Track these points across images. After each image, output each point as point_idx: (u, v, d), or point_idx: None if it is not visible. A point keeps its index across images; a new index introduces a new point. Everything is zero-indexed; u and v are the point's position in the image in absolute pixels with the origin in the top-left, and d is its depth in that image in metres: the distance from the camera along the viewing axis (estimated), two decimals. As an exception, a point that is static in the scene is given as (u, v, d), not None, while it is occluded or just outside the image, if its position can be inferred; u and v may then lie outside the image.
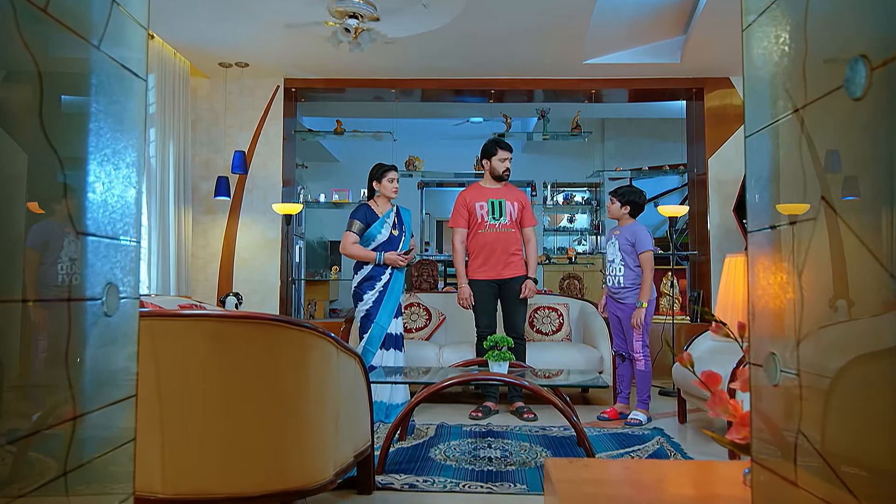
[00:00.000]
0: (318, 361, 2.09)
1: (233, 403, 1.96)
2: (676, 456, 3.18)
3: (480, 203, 4.20)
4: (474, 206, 4.21)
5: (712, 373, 1.35)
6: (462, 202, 4.26)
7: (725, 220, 5.77)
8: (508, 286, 4.18)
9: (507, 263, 4.18)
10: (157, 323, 1.89)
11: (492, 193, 4.22)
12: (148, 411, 1.93)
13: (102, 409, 1.04)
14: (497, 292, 4.21)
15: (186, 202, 5.45)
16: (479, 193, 4.25)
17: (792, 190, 0.98)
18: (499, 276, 4.17)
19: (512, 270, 4.19)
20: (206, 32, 4.91)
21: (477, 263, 4.21)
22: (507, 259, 4.19)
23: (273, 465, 2.00)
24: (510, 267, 4.19)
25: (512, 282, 4.18)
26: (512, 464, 3.02)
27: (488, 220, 4.18)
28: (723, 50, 5.23)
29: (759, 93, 1.08)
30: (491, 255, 4.17)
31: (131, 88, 1.13)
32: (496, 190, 4.24)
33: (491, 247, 4.17)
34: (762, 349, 1.12)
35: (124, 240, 1.09)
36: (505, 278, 4.17)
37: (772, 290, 1.07)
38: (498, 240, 4.18)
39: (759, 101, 1.08)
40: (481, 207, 4.19)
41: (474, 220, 4.21)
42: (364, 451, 2.53)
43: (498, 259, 4.17)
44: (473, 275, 4.21)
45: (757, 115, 1.10)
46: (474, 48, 5.22)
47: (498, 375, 3.10)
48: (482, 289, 4.17)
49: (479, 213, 4.19)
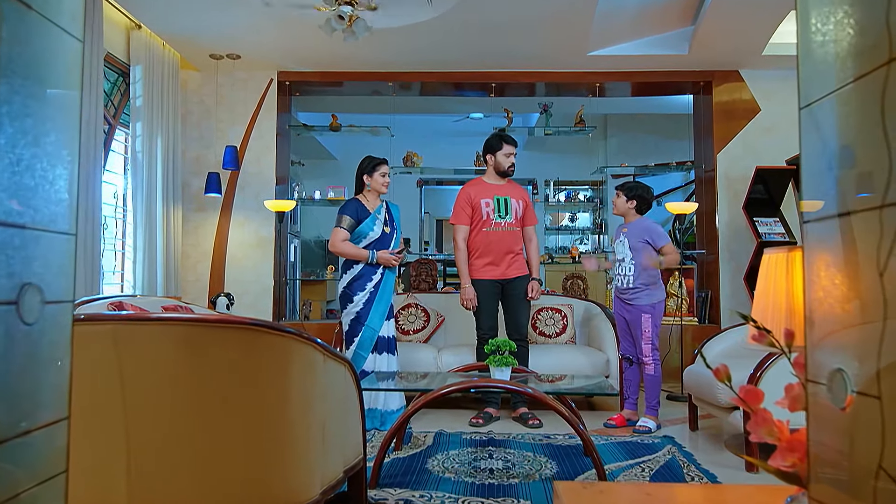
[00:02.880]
0: (303, 369, 1.90)
1: (207, 417, 1.77)
2: (689, 467, 2.98)
3: (486, 200, 4.00)
4: (479, 203, 4.00)
5: (752, 388, 1.15)
6: (465, 198, 4.04)
7: (735, 217, 5.57)
8: (512, 286, 3.99)
9: (511, 263, 4.00)
10: (121, 328, 1.70)
11: (496, 190, 4.03)
12: (111, 427, 1.73)
13: (20, 437, 0.85)
14: (499, 292, 4.02)
15: (176, 199, 5.26)
16: (484, 189, 4.05)
17: (872, 168, 0.78)
18: (503, 276, 3.98)
19: (516, 270, 4.01)
20: (196, 22, 4.71)
21: (481, 262, 4.01)
22: (511, 258, 4.00)
23: (253, 484, 1.81)
24: (514, 266, 4.01)
25: (516, 281, 3.99)
26: (515, 476, 2.82)
27: (494, 217, 3.98)
28: (733, 41, 5.04)
29: (822, 46, 0.89)
30: (496, 254, 3.98)
31: (61, 47, 0.93)
32: (501, 186, 4.05)
33: (496, 245, 3.98)
34: (824, 363, 0.93)
35: (51, 231, 0.90)
36: (509, 278, 3.98)
37: (839, 291, 0.88)
38: (504, 238, 3.99)
39: (823, 57, 0.89)
40: (487, 204, 3.99)
41: (478, 217, 4.00)
42: (355, 465, 2.33)
43: (503, 258, 3.98)
44: (477, 274, 4.01)
45: (820, 76, 0.90)
46: (474, 39, 5.03)
47: (500, 382, 2.90)
48: (485, 289, 3.98)
49: (484, 210, 3.99)
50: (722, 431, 3.74)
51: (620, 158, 7.49)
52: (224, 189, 5.64)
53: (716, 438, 3.61)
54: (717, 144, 5.68)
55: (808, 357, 0.96)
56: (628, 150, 7.96)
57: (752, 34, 4.94)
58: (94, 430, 1.75)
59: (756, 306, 1.30)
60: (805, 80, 0.94)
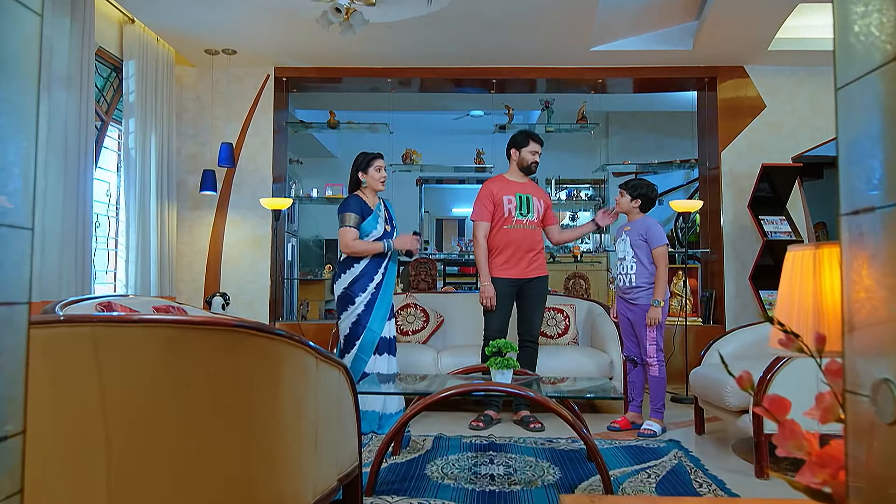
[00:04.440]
0: (294, 373, 1.80)
1: (192, 424, 1.67)
2: (697, 473, 2.89)
3: (509, 197, 3.90)
4: (502, 199, 3.89)
5: (778, 398, 1.06)
6: (488, 194, 3.93)
7: (740, 216, 5.48)
8: (531, 285, 3.90)
9: (531, 262, 3.91)
10: (100, 330, 1.60)
11: (519, 188, 3.94)
12: (90, 434, 1.64)
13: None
14: (515, 293, 3.92)
15: (171, 197, 5.16)
16: (506, 186, 3.95)
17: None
18: (522, 276, 3.88)
19: (536, 270, 3.92)
20: (191, 16, 4.61)
21: (500, 260, 3.89)
22: (532, 257, 3.91)
23: (240, 495, 1.71)
24: (534, 266, 3.91)
25: (535, 281, 3.90)
26: (517, 483, 2.73)
27: (515, 215, 3.88)
28: (739, 35, 4.94)
29: (864, 17, 0.79)
30: (516, 253, 3.88)
31: (14, 22, 0.84)
32: (523, 184, 3.97)
33: (518, 244, 3.88)
34: (866, 373, 0.83)
35: (2, 225, 0.80)
36: (528, 277, 3.89)
37: (885, 292, 0.78)
38: (525, 237, 3.89)
39: (866, 29, 0.79)
40: (509, 202, 3.89)
41: (500, 214, 3.89)
42: (350, 473, 2.24)
43: (523, 257, 3.89)
44: (495, 272, 3.88)
45: (862, 51, 0.81)
46: (475, 34, 4.93)
47: (501, 386, 2.80)
48: (502, 288, 3.87)
49: (506, 208, 3.89)
50: (729, 435, 3.64)
51: (622, 157, 7.40)
52: (220, 187, 5.55)
53: (723, 442, 3.52)
54: (721, 142, 5.58)
55: (847, 365, 0.86)
56: (630, 148, 7.86)
57: (758, 29, 4.84)
58: (71, 438, 1.66)
59: (779, 307, 1.20)
60: (842, 57, 0.84)
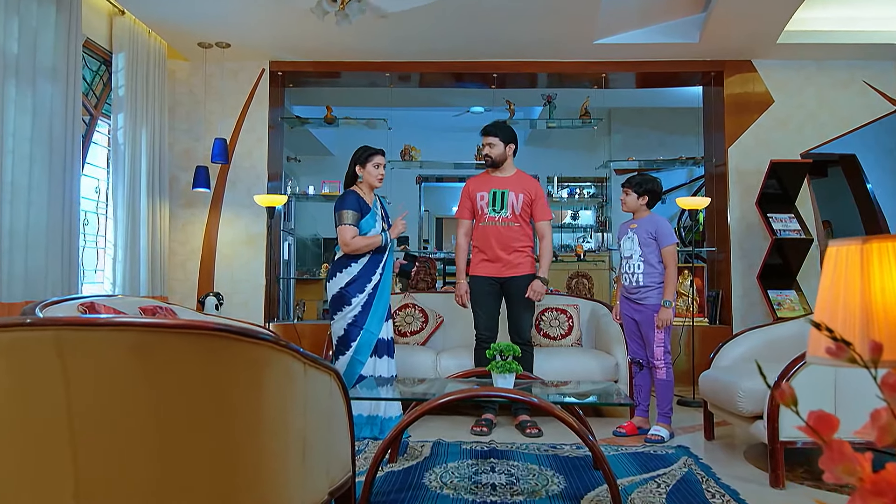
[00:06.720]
0: (279, 380, 1.66)
1: (167, 435, 1.53)
2: (709, 482, 2.75)
3: (481, 193, 3.79)
4: (475, 196, 3.80)
5: (825, 415, 0.92)
6: (465, 191, 3.88)
7: (747, 213, 5.34)
8: (513, 285, 3.75)
9: (507, 261, 3.74)
10: (65, 334, 1.46)
11: (495, 183, 3.79)
12: (57, 445, 1.50)
13: None
14: (499, 291, 3.79)
15: (162, 194, 5.02)
16: (483, 182, 3.83)
17: None
18: (500, 274, 3.75)
19: (516, 269, 3.75)
20: (183, 8, 4.47)
21: (479, 258, 3.81)
22: (510, 255, 3.75)
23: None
24: (511, 266, 3.74)
25: (516, 281, 3.74)
26: (519, 493, 2.59)
27: (488, 211, 3.76)
28: (747, 28, 4.80)
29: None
30: (491, 250, 3.75)
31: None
32: (501, 179, 3.81)
33: (492, 241, 3.75)
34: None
35: None
36: (507, 276, 3.74)
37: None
38: (499, 234, 3.74)
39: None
40: (482, 198, 3.78)
41: (477, 211, 3.80)
42: (343, 485, 2.10)
43: (498, 255, 3.74)
44: (473, 270, 3.81)
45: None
46: (475, 27, 4.78)
47: (502, 391, 2.66)
48: (481, 286, 3.75)
49: (479, 204, 3.79)
50: (739, 441, 3.50)
51: (625, 154, 7.24)
52: (213, 184, 5.41)
53: (733, 449, 3.38)
54: (728, 138, 5.44)
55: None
56: (633, 146, 7.71)
57: (767, 21, 4.70)
58: (36, 449, 1.52)
59: (819, 310, 1.06)
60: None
